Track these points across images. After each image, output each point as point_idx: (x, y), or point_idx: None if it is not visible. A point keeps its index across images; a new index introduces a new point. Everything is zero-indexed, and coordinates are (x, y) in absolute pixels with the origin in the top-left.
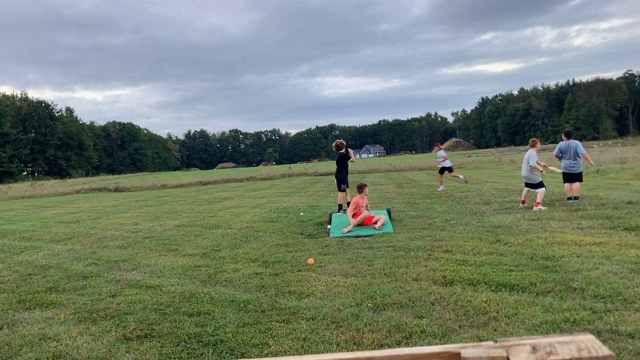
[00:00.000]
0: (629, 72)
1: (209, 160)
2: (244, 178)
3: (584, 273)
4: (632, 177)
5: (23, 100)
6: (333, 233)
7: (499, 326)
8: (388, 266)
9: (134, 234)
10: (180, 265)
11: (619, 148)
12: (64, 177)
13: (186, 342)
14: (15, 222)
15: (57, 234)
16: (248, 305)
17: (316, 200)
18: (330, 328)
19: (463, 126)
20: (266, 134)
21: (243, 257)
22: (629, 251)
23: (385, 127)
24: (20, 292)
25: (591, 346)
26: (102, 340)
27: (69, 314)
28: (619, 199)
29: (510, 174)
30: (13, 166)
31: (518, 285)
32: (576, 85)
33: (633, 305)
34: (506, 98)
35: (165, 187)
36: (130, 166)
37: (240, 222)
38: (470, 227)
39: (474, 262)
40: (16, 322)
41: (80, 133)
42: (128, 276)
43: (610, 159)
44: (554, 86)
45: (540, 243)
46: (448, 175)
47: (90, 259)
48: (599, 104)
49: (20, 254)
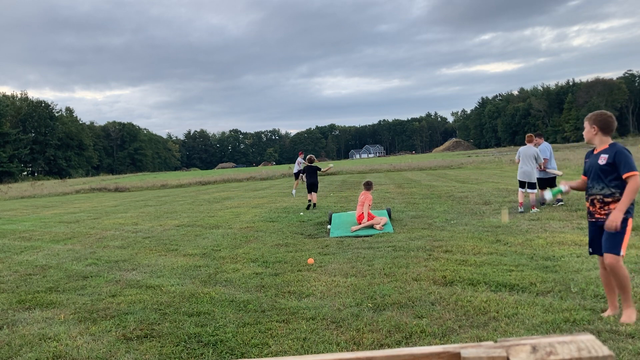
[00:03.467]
0: (629, 72)
1: (209, 160)
2: (244, 178)
3: (584, 273)
4: None
5: (23, 100)
6: (333, 233)
7: (499, 326)
8: (388, 266)
9: (134, 234)
10: (180, 265)
11: None
12: (64, 177)
13: (186, 342)
14: (15, 222)
15: (57, 234)
16: (248, 305)
17: (316, 201)
18: (330, 328)
19: (463, 126)
20: (266, 134)
21: (243, 257)
22: (629, 251)
23: (385, 127)
24: (20, 292)
25: (591, 346)
26: (102, 340)
27: (69, 314)
28: None
29: (510, 174)
30: (13, 166)
31: (518, 285)
32: (576, 85)
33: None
34: (506, 98)
35: (165, 187)
36: (130, 166)
37: (240, 222)
38: (470, 227)
39: (474, 262)
40: (16, 322)
41: (80, 133)
42: (128, 276)
43: None
44: (554, 86)
45: (540, 243)
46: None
47: (90, 259)
48: (599, 104)
49: (20, 254)
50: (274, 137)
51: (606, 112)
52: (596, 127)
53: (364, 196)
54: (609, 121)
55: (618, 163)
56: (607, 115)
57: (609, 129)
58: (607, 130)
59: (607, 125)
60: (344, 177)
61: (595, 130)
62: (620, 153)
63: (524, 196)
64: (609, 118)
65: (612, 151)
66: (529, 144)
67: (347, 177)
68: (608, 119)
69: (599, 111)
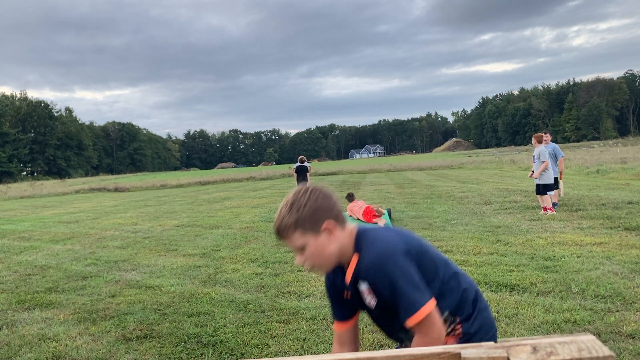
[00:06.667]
0: (630, 71)
1: (208, 160)
2: (243, 178)
3: (585, 273)
4: (632, 177)
5: (22, 100)
6: None
7: (499, 326)
8: None
9: (133, 234)
10: (180, 266)
11: (620, 148)
12: (63, 177)
13: (186, 342)
14: (14, 222)
15: (57, 234)
16: (248, 306)
17: None
18: (330, 328)
19: (463, 126)
20: (266, 134)
21: (243, 257)
22: (630, 251)
23: (385, 127)
24: (19, 292)
25: (592, 346)
26: (102, 341)
27: (69, 314)
28: (619, 199)
29: (510, 174)
30: (12, 166)
31: (518, 286)
32: (576, 85)
33: (633, 305)
34: (506, 98)
35: (165, 187)
36: (129, 166)
37: (240, 222)
38: (471, 227)
39: (474, 262)
40: (16, 322)
41: (80, 133)
42: (127, 276)
43: (610, 159)
44: (554, 86)
45: (541, 243)
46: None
47: (89, 259)
48: (599, 104)
49: (20, 254)
50: (274, 137)
51: (315, 190)
52: (329, 223)
53: (357, 204)
54: (327, 205)
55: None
56: (318, 196)
57: (341, 220)
58: (342, 223)
59: (330, 214)
60: (344, 177)
61: (328, 233)
62: (391, 277)
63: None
64: (324, 199)
65: (374, 276)
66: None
67: (347, 177)
68: (320, 203)
69: (299, 200)
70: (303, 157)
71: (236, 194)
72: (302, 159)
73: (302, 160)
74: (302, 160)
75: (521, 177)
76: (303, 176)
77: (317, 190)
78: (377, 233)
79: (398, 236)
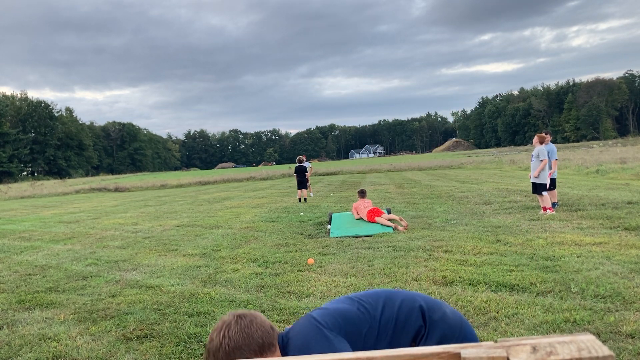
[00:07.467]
0: (629, 72)
1: (208, 160)
2: (243, 178)
3: (584, 273)
4: (632, 177)
5: (23, 100)
6: (333, 233)
7: (499, 326)
8: (388, 266)
9: (133, 234)
10: (180, 265)
11: (619, 148)
12: (64, 177)
13: (186, 342)
14: (15, 222)
15: (57, 234)
16: (248, 306)
17: (316, 200)
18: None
19: (463, 126)
20: (266, 134)
21: (243, 257)
22: (629, 251)
23: (385, 127)
24: (20, 292)
25: (591, 346)
26: (102, 341)
27: (69, 314)
28: (619, 199)
29: (510, 174)
30: (13, 166)
31: (518, 286)
32: (576, 85)
33: (633, 305)
34: (506, 98)
35: (165, 187)
36: (130, 166)
37: (240, 222)
38: (471, 227)
39: (474, 262)
40: (16, 322)
41: (80, 133)
42: (128, 276)
43: (610, 159)
44: (554, 86)
45: (541, 243)
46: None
47: (90, 259)
48: (599, 104)
49: (20, 254)
50: (274, 137)
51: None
52: None
53: (363, 203)
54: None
55: None
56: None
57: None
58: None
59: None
60: (344, 177)
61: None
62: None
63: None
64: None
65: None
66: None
67: (347, 177)
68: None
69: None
70: (302, 157)
71: (236, 194)
72: (301, 159)
73: (300, 161)
74: (300, 161)
75: (521, 177)
76: (302, 176)
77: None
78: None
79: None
